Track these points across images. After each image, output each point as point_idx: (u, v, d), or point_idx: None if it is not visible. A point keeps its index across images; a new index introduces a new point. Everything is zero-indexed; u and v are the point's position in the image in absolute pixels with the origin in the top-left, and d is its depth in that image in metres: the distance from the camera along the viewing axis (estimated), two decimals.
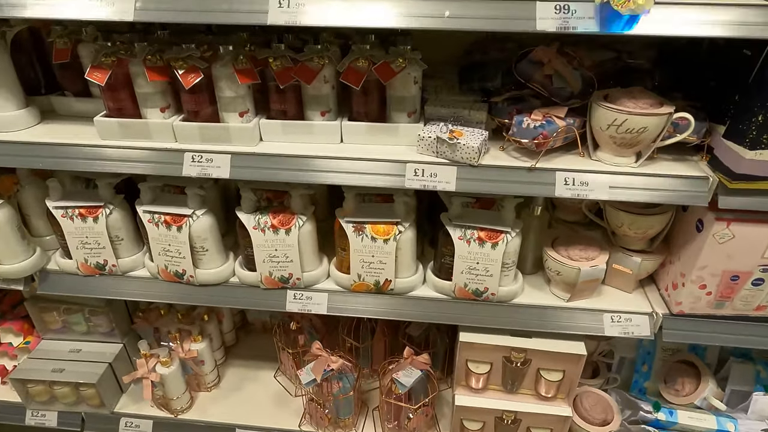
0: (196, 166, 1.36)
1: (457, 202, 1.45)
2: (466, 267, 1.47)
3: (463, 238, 1.44)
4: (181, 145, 1.38)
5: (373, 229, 1.46)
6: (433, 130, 1.33)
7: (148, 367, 1.79)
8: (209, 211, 1.52)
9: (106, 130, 1.40)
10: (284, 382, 2.06)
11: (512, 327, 1.56)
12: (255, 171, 1.35)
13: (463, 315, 1.56)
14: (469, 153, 1.28)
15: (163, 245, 1.53)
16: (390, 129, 1.37)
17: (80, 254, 1.59)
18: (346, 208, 1.48)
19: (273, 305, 1.61)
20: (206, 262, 1.58)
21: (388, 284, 1.54)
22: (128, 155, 1.38)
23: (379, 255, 1.48)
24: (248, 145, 1.38)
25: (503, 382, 1.70)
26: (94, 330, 1.97)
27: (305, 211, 1.50)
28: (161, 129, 1.38)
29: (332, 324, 2.02)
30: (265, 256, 1.51)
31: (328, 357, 1.71)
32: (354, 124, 1.38)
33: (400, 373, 1.65)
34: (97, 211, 1.54)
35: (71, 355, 1.93)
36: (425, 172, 1.31)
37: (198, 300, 1.63)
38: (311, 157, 1.35)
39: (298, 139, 1.40)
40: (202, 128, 1.36)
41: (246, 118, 1.37)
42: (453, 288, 1.52)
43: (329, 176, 1.35)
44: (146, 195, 1.52)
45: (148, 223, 1.51)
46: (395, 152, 1.36)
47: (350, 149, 1.37)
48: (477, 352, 1.63)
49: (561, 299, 1.55)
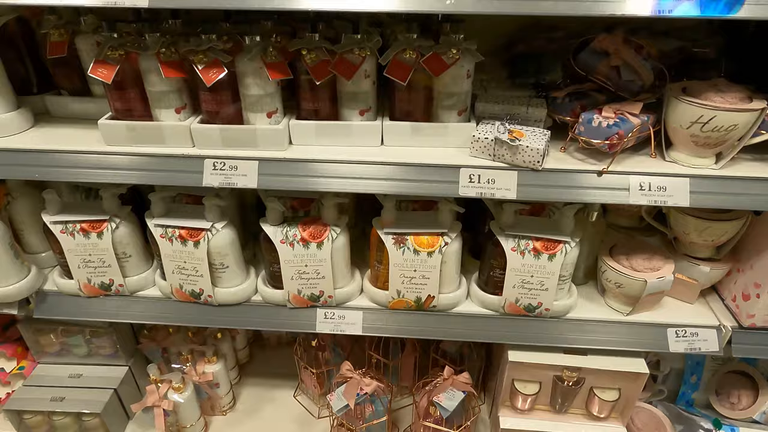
0: (218, 175, 1.19)
1: (510, 210, 1.30)
2: (518, 281, 1.32)
3: (516, 249, 1.29)
4: (200, 151, 1.21)
5: (415, 240, 1.31)
6: (489, 130, 1.18)
7: (160, 394, 1.62)
8: (230, 224, 1.36)
9: (112, 134, 1.22)
10: (305, 403, 1.90)
11: (565, 344, 1.42)
12: (286, 179, 1.19)
13: (513, 333, 1.42)
14: (531, 156, 1.13)
15: (178, 263, 1.36)
16: (438, 129, 1.22)
17: (82, 274, 1.41)
18: (385, 218, 1.33)
19: (301, 326, 1.45)
20: (226, 279, 1.41)
21: (431, 300, 1.39)
22: (139, 163, 1.21)
23: (422, 269, 1.33)
24: (277, 149, 1.21)
25: (551, 402, 1.56)
26: (95, 352, 1.79)
27: (339, 222, 1.35)
28: (177, 133, 1.21)
29: (358, 339, 1.87)
30: (293, 273, 1.35)
31: (360, 379, 1.56)
32: (397, 124, 1.22)
33: (442, 396, 1.51)
34: (101, 225, 1.36)
35: (71, 381, 1.76)
36: (481, 178, 1.16)
37: (217, 322, 1.46)
38: (350, 163, 1.19)
39: (333, 141, 1.24)
40: (224, 131, 1.19)
41: (275, 119, 1.20)
42: (502, 303, 1.38)
43: (370, 184, 1.19)
44: (158, 207, 1.34)
45: (160, 238, 1.34)
46: (444, 156, 1.20)
47: (393, 153, 1.22)
48: (526, 371, 1.49)
49: (619, 313, 1.42)
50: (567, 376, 1.47)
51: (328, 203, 1.31)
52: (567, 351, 1.46)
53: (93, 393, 1.71)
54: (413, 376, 1.89)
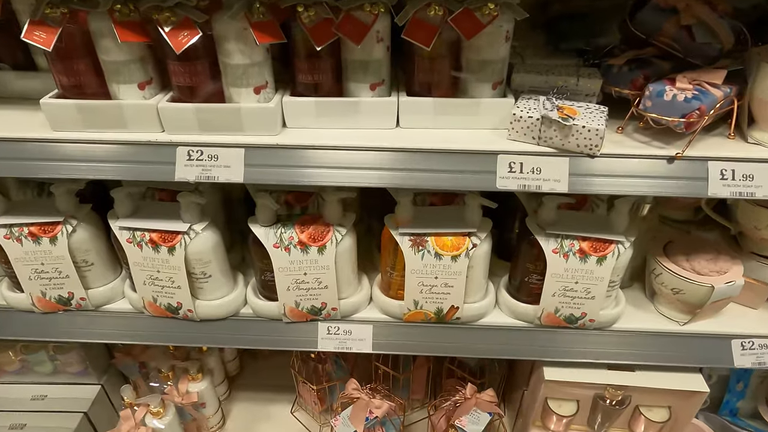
0: (194, 167, 0.95)
1: (552, 204, 1.08)
2: (560, 288, 1.11)
3: (558, 251, 1.08)
4: (171, 137, 0.96)
5: (437, 242, 1.08)
6: (533, 106, 0.95)
7: (136, 420, 1.39)
8: (211, 225, 1.12)
9: (59, 117, 0.97)
10: (305, 419, 1.69)
11: (611, 360, 1.22)
12: (279, 171, 0.96)
13: (550, 347, 1.20)
14: (589, 138, 0.90)
15: (150, 272, 1.13)
16: (468, 106, 0.98)
17: (35, 286, 1.17)
18: (400, 216, 1.10)
19: (300, 344, 1.23)
20: (209, 291, 1.18)
21: (454, 312, 1.17)
22: (94, 153, 0.97)
23: (445, 276, 1.10)
24: (268, 133, 0.97)
25: (590, 422, 1.36)
26: (62, 370, 1.56)
27: (344, 221, 1.11)
28: (141, 114, 0.96)
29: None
30: (289, 283, 1.12)
31: (368, 400, 1.34)
32: (417, 101, 0.99)
33: (465, 420, 1.30)
34: (54, 228, 1.12)
35: (34, 404, 1.52)
36: (524, 167, 0.93)
37: (199, 340, 1.23)
38: (358, 150, 0.95)
39: (336, 123, 1.00)
40: (201, 112, 0.95)
41: (264, 96, 0.96)
42: (539, 314, 1.16)
43: (384, 176, 0.96)
44: (123, 205, 1.10)
45: (127, 243, 1.10)
46: (476, 140, 0.97)
47: (411, 137, 0.98)
48: (562, 390, 1.29)
49: (674, 321, 1.21)
50: (610, 394, 1.27)
51: (331, 199, 1.08)
52: (611, 367, 1.26)
53: (59, 418, 1.48)
54: (426, 389, 1.68)
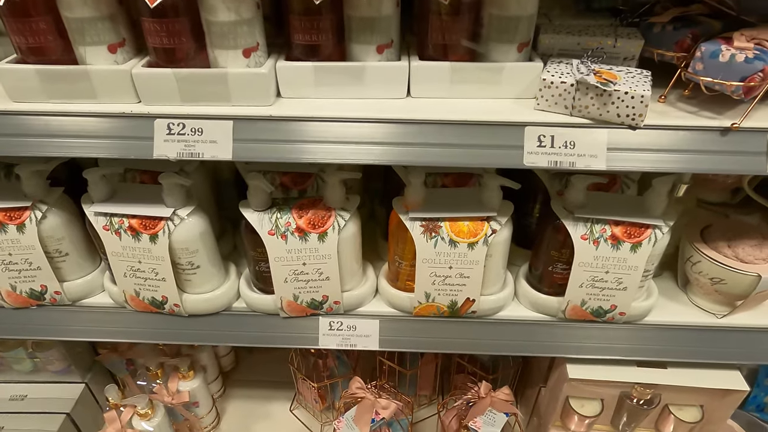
0: (175, 142, 0.82)
1: (581, 184, 0.95)
2: (588, 278, 0.99)
3: (588, 237, 0.96)
4: (148, 108, 0.84)
5: (452, 228, 0.97)
6: (565, 70, 0.82)
7: (122, 422, 1.29)
8: (198, 209, 1.00)
9: (18, 85, 0.84)
10: (304, 417, 1.59)
11: (640, 357, 1.11)
12: (273, 147, 0.83)
13: (573, 343, 1.09)
14: (632, 106, 0.78)
15: (130, 262, 1.01)
16: (490, 72, 0.86)
17: (2, 279, 1.05)
18: (411, 198, 0.98)
19: (299, 340, 1.11)
20: (197, 283, 1.06)
21: (469, 305, 1.05)
22: (60, 127, 0.84)
23: (461, 265, 0.99)
24: (260, 103, 0.85)
25: (613, 421, 1.26)
26: (42, 368, 1.44)
27: (347, 205, 0.99)
28: (112, 81, 0.83)
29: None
30: (287, 274, 1.00)
31: (374, 400, 1.24)
32: (431, 66, 0.86)
33: (479, 422, 1.19)
34: (21, 215, 1.00)
35: (13, 405, 1.41)
36: (556, 141, 0.81)
37: (187, 337, 1.12)
38: (364, 122, 0.83)
39: (338, 92, 0.87)
40: (182, 78, 0.82)
41: (255, 59, 0.83)
42: (563, 307, 1.05)
43: (393, 152, 0.84)
44: (97, 189, 0.98)
45: (103, 231, 0.98)
46: (499, 110, 0.85)
47: (424, 107, 0.86)
48: (586, 388, 1.18)
49: (710, 314, 1.10)
50: (638, 393, 1.16)
51: (333, 180, 0.96)
52: (641, 363, 1.15)
53: (40, 420, 1.37)
54: (433, 385, 1.58)
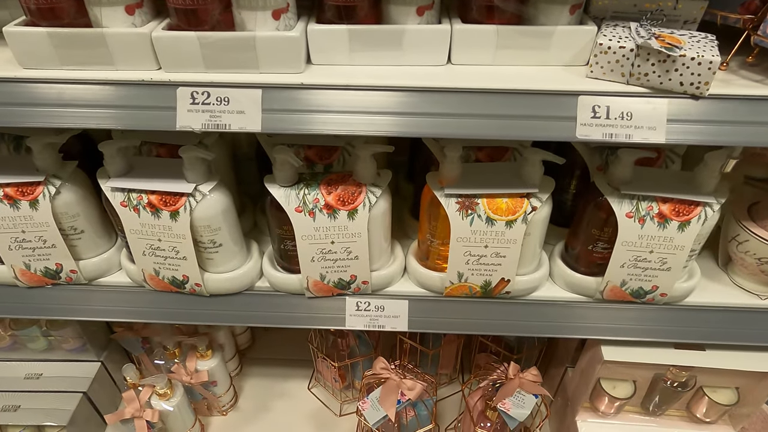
0: (200, 113, 0.76)
1: (629, 159, 0.90)
2: (631, 258, 0.94)
3: (633, 215, 0.91)
4: (170, 75, 0.77)
5: (489, 205, 0.91)
6: (623, 34, 0.76)
7: (141, 401, 1.26)
8: (221, 185, 0.94)
9: (29, 50, 0.78)
10: (323, 396, 1.56)
11: (680, 339, 1.07)
12: (305, 118, 0.77)
13: (610, 325, 1.05)
14: (698, 74, 0.71)
15: (150, 241, 0.96)
16: (539, 36, 0.79)
17: (16, 257, 1.01)
18: (446, 173, 0.92)
19: (325, 321, 1.07)
20: (219, 262, 1.02)
21: (504, 285, 1.01)
22: (75, 96, 0.78)
23: (497, 244, 0.94)
24: (290, 70, 0.78)
25: (644, 403, 1.23)
26: (57, 346, 1.41)
27: (379, 181, 0.94)
28: (130, 46, 0.77)
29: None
30: (314, 253, 0.96)
31: (399, 381, 1.20)
32: (475, 29, 0.79)
33: (509, 403, 1.16)
34: (34, 190, 0.95)
35: (28, 383, 1.39)
36: (611, 111, 0.75)
37: (208, 317, 1.08)
38: (403, 90, 0.77)
39: (373, 58, 0.81)
40: (206, 43, 0.75)
41: (285, 22, 0.77)
42: (601, 287, 1.00)
43: (433, 124, 0.78)
44: (114, 162, 0.92)
45: (121, 207, 0.93)
46: (547, 78, 0.79)
47: (466, 74, 0.80)
48: (620, 370, 1.14)
49: (754, 295, 1.05)
50: (673, 375, 1.13)
51: (365, 154, 0.90)
52: (678, 345, 1.11)
53: (57, 399, 1.34)
54: (454, 364, 1.55)
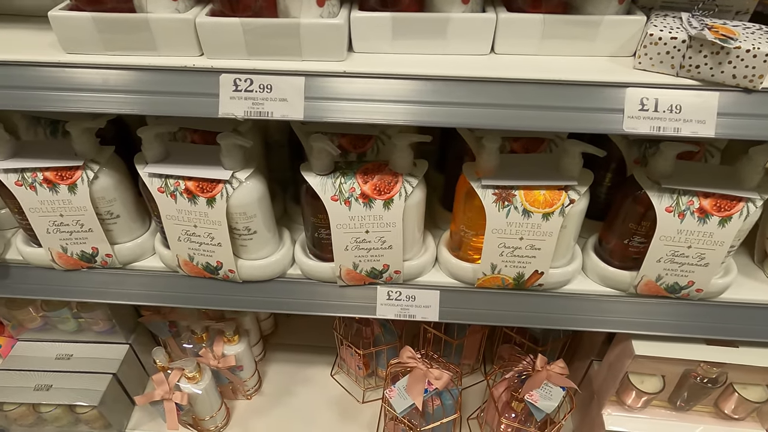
0: (242, 99, 0.76)
1: (671, 152, 0.88)
2: (668, 252, 0.93)
3: (673, 209, 0.89)
4: (213, 62, 0.77)
5: (526, 197, 0.91)
6: (674, 25, 0.74)
7: (170, 384, 1.28)
8: (257, 172, 0.95)
9: (73, 35, 0.78)
10: (346, 383, 1.58)
11: (714, 335, 1.06)
12: (347, 107, 0.77)
13: (642, 320, 1.04)
14: (752, 66, 0.70)
15: (186, 226, 0.97)
16: (586, 26, 0.77)
17: (54, 240, 1.02)
18: (484, 164, 0.91)
19: (356, 310, 1.08)
20: (253, 249, 1.02)
21: (537, 278, 1.00)
22: (117, 81, 0.78)
23: (533, 236, 0.93)
24: (333, 58, 0.78)
25: (672, 398, 1.22)
26: (87, 328, 1.44)
27: (415, 171, 0.93)
28: (174, 31, 0.77)
29: None
30: (348, 241, 0.96)
31: (426, 370, 1.21)
32: (521, 18, 0.78)
33: (536, 395, 1.17)
34: (73, 174, 0.95)
35: (60, 364, 1.42)
36: (660, 104, 0.74)
37: (239, 304, 1.09)
38: (446, 80, 0.76)
39: (416, 47, 0.80)
40: (250, 29, 0.75)
41: (328, 9, 0.76)
42: (636, 282, 0.99)
43: (475, 114, 0.77)
44: (152, 148, 0.93)
45: (158, 193, 0.94)
46: (593, 69, 0.77)
47: (509, 64, 0.78)
48: (650, 365, 1.14)
49: None
50: (704, 371, 1.12)
51: (402, 143, 0.90)
52: (710, 341, 1.10)
53: (87, 379, 1.37)
54: (477, 354, 1.55)
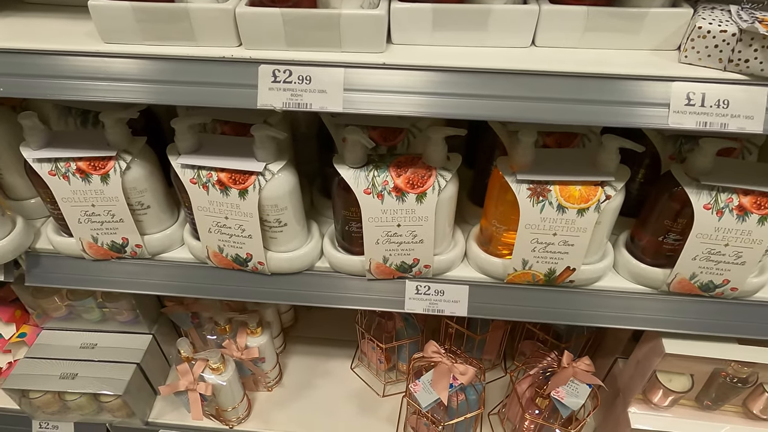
0: (281, 91, 0.76)
1: (712, 148, 0.87)
2: (704, 250, 0.92)
3: (711, 207, 0.88)
4: (252, 53, 0.77)
5: (562, 192, 0.90)
6: (723, 18, 0.73)
7: (194, 375, 1.29)
8: (289, 165, 0.94)
9: (111, 24, 0.78)
10: (366, 376, 1.58)
11: (747, 335, 1.04)
12: (386, 99, 0.76)
13: (674, 318, 1.03)
14: None
15: (217, 218, 0.97)
16: (631, 18, 0.76)
17: (85, 230, 1.02)
18: (519, 159, 0.90)
19: (383, 303, 1.07)
20: (282, 241, 1.02)
21: (568, 274, 0.99)
22: (155, 71, 0.78)
23: (566, 232, 0.92)
24: (372, 49, 0.77)
25: (699, 397, 1.21)
26: (111, 318, 1.45)
27: (449, 165, 0.93)
28: (213, 22, 0.76)
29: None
30: (380, 235, 0.95)
31: (451, 365, 1.21)
32: (565, 10, 0.76)
33: (563, 392, 1.16)
34: (106, 164, 0.96)
35: (84, 353, 1.43)
36: (707, 99, 0.72)
37: (266, 296, 1.09)
38: (486, 73, 0.75)
39: (455, 39, 0.79)
40: (290, 20, 0.74)
41: (369, 0, 0.75)
42: (669, 279, 0.98)
43: (513, 108, 0.76)
44: (185, 139, 0.93)
45: (191, 184, 0.93)
46: (636, 61, 0.76)
47: (552, 57, 0.77)
48: (679, 363, 1.13)
49: None
50: (734, 370, 1.11)
51: (437, 137, 0.89)
52: (742, 341, 1.09)
53: (112, 369, 1.38)
54: (499, 349, 1.55)
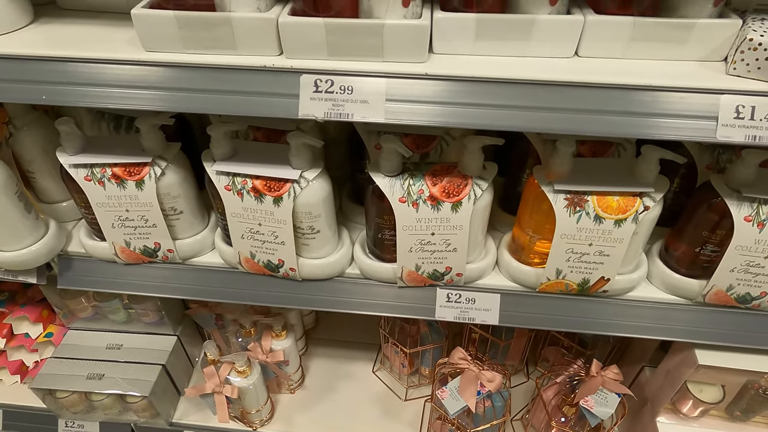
0: (322, 101, 0.76)
1: (754, 159, 0.86)
2: (743, 262, 0.91)
3: (752, 219, 0.87)
4: (293, 62, 0.76)
5: (599, 202, 0.89)
6: None
7: (220, 377, 1.30)
8: (324, 173, 0.94)
9: (153, 33, 0.78)
10: (388, 380, 1.58)
11: None
12: (427, 110, 0.76)
13: (707, 329, 1.02)
14: None
15: (250, 224, 0.97)
16: (678, 28, 0.75)
17: (118, 235, 1.03)
18: (556, 168, 0.89)
19: (414, 311, 1.07)
20: (315, 248, 1.02)
21: (602, 284, 0.99)
22: (195, 80, 0.78)
23: (602, 242, 0.91)
24: (414, 59, 0.76)
25: (729, 408, 1.20)
26: (136, 319, 1.46)
27: (485, 174, 0.92)
28: (255, 31, 0.76)
29: None
30: (413, 243, 0.95)
31: (479, 372, 1.20)
32: (613, 21, 0.76)
33: (591, 401, 1.15)
34: (141, 170, 0.96)
35: (110, 353, 1.44)
36: (756, 113, 0.71)
37: (296, 301, 1.09)
38: (529, 84, 0.74)
39: (498, 48, 0.78)
40: (332, 30, 0.74)
41: (412, 9, 0.75)
42: (705, 291, 0.97)
43: (555, 119, 0.75)
44: (220, 146, 0.93)
45: (225, 190, 0.94)
46: (682, 73, 0.75)
47: (595, 67, 0.76)
48: (711, 374, 1.12)
49: None
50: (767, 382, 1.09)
51: (473, 146, 0.88)
52: None
53: (137, 370, 1.39)
54: (522, 356, 1.54)
